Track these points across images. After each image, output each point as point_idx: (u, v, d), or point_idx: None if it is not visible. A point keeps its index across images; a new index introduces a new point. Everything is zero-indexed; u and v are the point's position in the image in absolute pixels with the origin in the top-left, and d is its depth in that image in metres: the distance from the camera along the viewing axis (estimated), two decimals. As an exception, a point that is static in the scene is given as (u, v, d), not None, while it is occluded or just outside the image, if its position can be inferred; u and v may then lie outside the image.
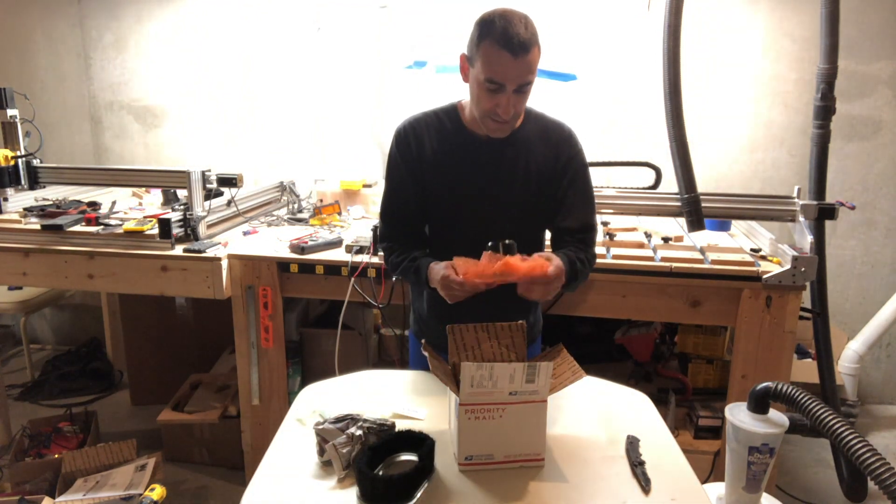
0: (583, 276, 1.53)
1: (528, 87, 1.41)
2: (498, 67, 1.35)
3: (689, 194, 2.18)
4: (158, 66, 3.44)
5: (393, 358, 3.06)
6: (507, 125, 1.46)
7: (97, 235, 2.39)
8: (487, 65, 1.36)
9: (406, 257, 1.56)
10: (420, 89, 3.10)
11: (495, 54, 1.35)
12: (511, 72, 1.36)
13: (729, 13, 2.99)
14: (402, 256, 1.57)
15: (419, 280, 1.51)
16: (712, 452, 2.37)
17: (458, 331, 1.29)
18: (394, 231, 1.63)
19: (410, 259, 1.55)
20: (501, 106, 1.40)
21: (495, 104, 1.40)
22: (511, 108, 1.41)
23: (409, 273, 1.55)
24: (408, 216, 1.61)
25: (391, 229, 1.63)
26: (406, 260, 1.56)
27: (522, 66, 1.36)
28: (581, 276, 1.52)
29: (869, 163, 3.06)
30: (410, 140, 1.56)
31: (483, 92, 1.40)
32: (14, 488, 2.36)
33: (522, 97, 1.42)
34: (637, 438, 1.31)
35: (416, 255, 1.55)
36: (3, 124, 2.54)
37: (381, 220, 1.66)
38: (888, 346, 3.25)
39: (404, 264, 1.56)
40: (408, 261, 1.55)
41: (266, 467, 1.23)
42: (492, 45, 1.35)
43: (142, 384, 3.22)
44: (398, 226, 1.62)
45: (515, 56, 1.34)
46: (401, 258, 1.57)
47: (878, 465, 1.02)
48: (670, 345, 2.84)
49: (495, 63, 1.35)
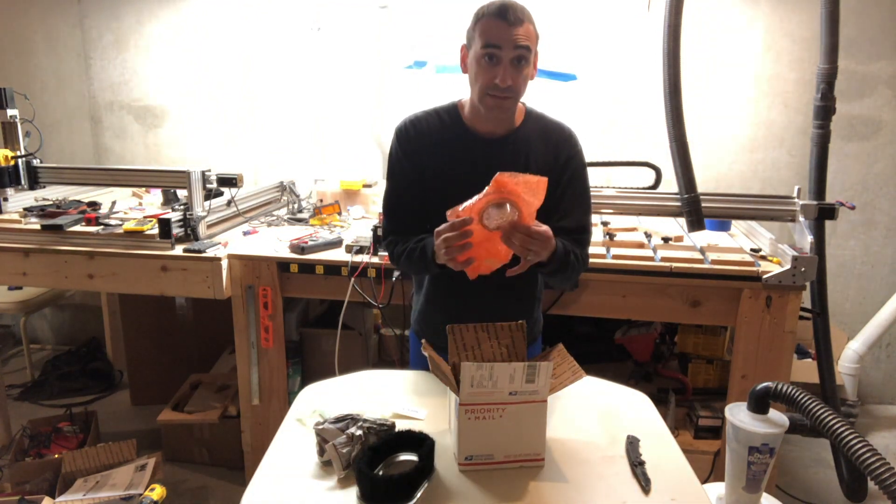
0: (573, 270, 1.51)
1: (524, 61, 1.43)
2: (494, 31, 1.41)
3: (689, 194, 2.18)
4: (158, 66, 3.44)
5: (393, 358, 3.06)
6: (506, 102, 1.46)
7: (97, 235, 2.39)
8: (484, 34, 1.42)
9: (411, 242, 1.55)
10: (420, 89, 3.10)
11: (492, 23, 1.41)
12: (507, 35, 1.40)
13: (729, 13, 2.99)
14: (405, 245, 1.56)
15: (425, 259, 1.49)
16: (712, 452, 2.37)
17: (458, 331, 1.29)
18: (398, 226, 1.62)
19: (416, 240, 1.54)
20: (499, 76, 1.42)
21: (493, 76, 1.42)
22: (508, 78, 1.42)
23: (414, 255, 1.53)
24: (412, 211, 1.60)
25: (395, 224, 1.62)
26: (411, 243, 1.55)
27: (518, 32, 1.41)
28: (571, 270, 1.50)
29: (869, 163, 3.06)
30: (411, 136, 1.56)
31: (481, 67, 1.44)
32: (14, 488, 2.35)
33: (519, 72, 1.43)
34: (637, 438, 1.31)
35: (423, 237, 1.54)
36: (3, 124, 2.54)
37: (385, 217, 1.65)
38: (888, 346, 3.25)
39: (410, 246, 1.54)
40: (413, 242, 1.54)
41: (266, 467, 1.23)
42: (488, 19, 1.42)
43: (142, 384, 3.22)
44: (403, 221, 1.61)
45: (510, 23, 1.40)
46: (405, 245, 1.56)
47: (878, 465, 1.02)
48: (670, 345, 2.84)
49: (492, 29, 1.41)
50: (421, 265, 1.53)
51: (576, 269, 1.52)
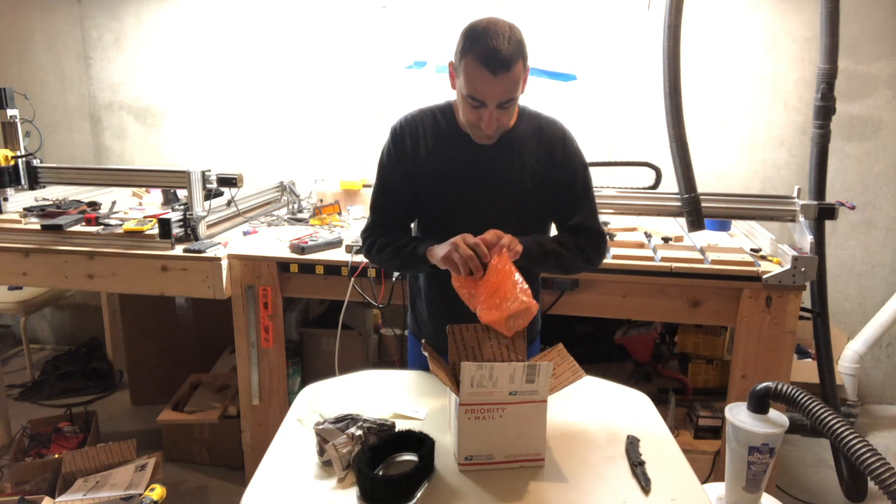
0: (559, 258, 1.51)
1: (510, 103, 1.41)
2: (479, 84, 1.36)
3: (689, 194, 2.18)
4: (159, 66, 3.44)
5: (393, 358, 3.06)
6: (492, 137, 1.48)
7: (97, 235, 2.39)
8: (469, 81, 1.37)
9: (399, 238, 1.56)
10: (420, 89, 3.10)
11: (477, 72, 1.35)
12: (492, 90, 1.36)
13: (729, 13, 2.99)
14: (392, 240, 1.56)
15: (415, 254, 1.49)
16: (712, 452, 2.37)
17: (458, 331, 1.29)
18: (383, 221, 1.62)
19: (408, 238, 1.55)
20: (484, 120, 1.41)
21: (478, 117, 1.42)
22: (494, 123, 1.42)
23: (403, 250, 1.53)
24: (398, 209, 1.61)
25: (380, 219, 1.63)
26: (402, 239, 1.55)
27: (504, 83, 1.36)
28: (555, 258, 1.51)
29: (869, 163, 3.06)
30: (406, 137, 1.56)
31: (466, 106, 1.42)
32: (14, 488, 2.36)
33: (505, 112, 1.43)
34: (637, 438, 1.31)
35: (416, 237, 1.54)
36: (3, 124, 2.54)
37: (371, 211, 1.65)
38: (888, 346, 3.25)
39: (401, 242, 1.54)
40: (405, 239, 1.55)
41: (266, 467, 1.23)
42: (473, 63, 1.35)
43: (142, 384, 3.22)
44: (388, 217, 1.62)
45: (496, 74, 1.34)
46: (391, 241, 1.56)
47: (878, 465, 1.02)
48: (670, 345, 2.84)
49: (477, 80, 1.36)
50: (408, 260, 1.53)
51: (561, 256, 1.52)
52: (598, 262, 1.60)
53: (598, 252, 1.59)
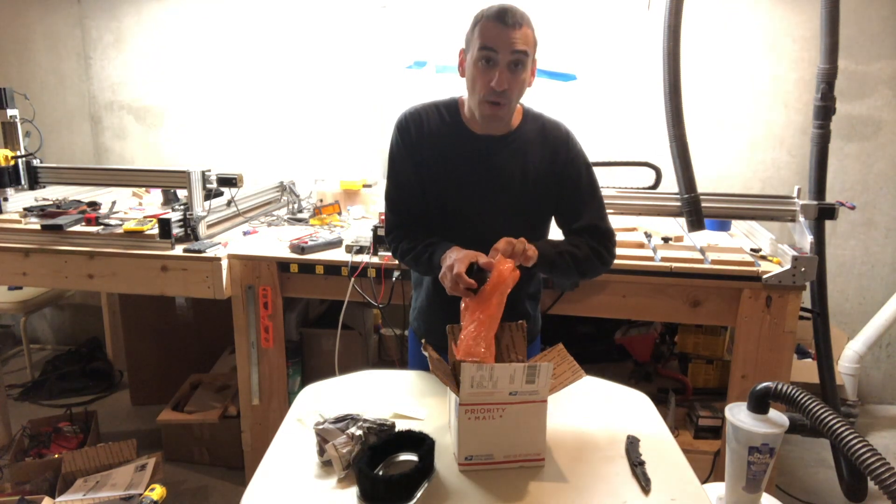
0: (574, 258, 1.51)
1: (521, 66, 1.42)
2: (492, 34, 1.41)
3: (689, 194, 2.18)
4: (159, 65, 3.44)
5: (393, 358, 3.06)
6: (503, 108, 1.46)
7: (97, 235, 2.39)
8: (482, 36, 1.42)
9: (420, 243, 1.55)
10: (420, 89, 3.10)
11: (490, 26, 1.41)
12: (504, 38, 1.40)
13: (729, 13, 2.99)
14: (413, 244, 1.56)
15: (431, 262, 1.49)
16: (712, 452, 2.37)
17: (458, 331, 1.29)
18: (402, 220, 1.62)
19: (425, 244, 1.53)
20: (495, 79, 1.41)
21: (489, 79, 1.42)
22: (504, 81, 1.41)
23: (422, 258, 1.53)
24: (415, 204, 1.59)
25: (399, 218, 1.62)
26: (420, 244, 1.54)
27: (516, 35, 1.40)
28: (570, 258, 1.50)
29: (869, 163, 3.06)
30: (411, 128, 1.56)
31: (478, 71, 1.43)
32: (14, 488, 2.36)
33: (516, 77, 1.43)
34: (637, 438, 1.31)
35: (432, 241, 1.53)
36: (3, 124, 2.54)
37: (387, 211, 1.64)
38: (888, 346, 3.25)
39: (419, 248, 1.54)
40: (422, 245, 1.54)
41: (266, 467, 1.23)
42: (486, 21, 1.42)
43: (142, 384, 3.22)
44: (406, 215, 1.61)
45: (508, 26, 1.40)
46: (412, 244, 1.56)
47: (878, 465, 1.02)
48: (670, 345, 2.84)
49: (490, 32, 1.41)
50: (427, 268, 1.53)
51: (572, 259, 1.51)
52: (611, 262, 1.59)
53: (609, 251, 1.58)
